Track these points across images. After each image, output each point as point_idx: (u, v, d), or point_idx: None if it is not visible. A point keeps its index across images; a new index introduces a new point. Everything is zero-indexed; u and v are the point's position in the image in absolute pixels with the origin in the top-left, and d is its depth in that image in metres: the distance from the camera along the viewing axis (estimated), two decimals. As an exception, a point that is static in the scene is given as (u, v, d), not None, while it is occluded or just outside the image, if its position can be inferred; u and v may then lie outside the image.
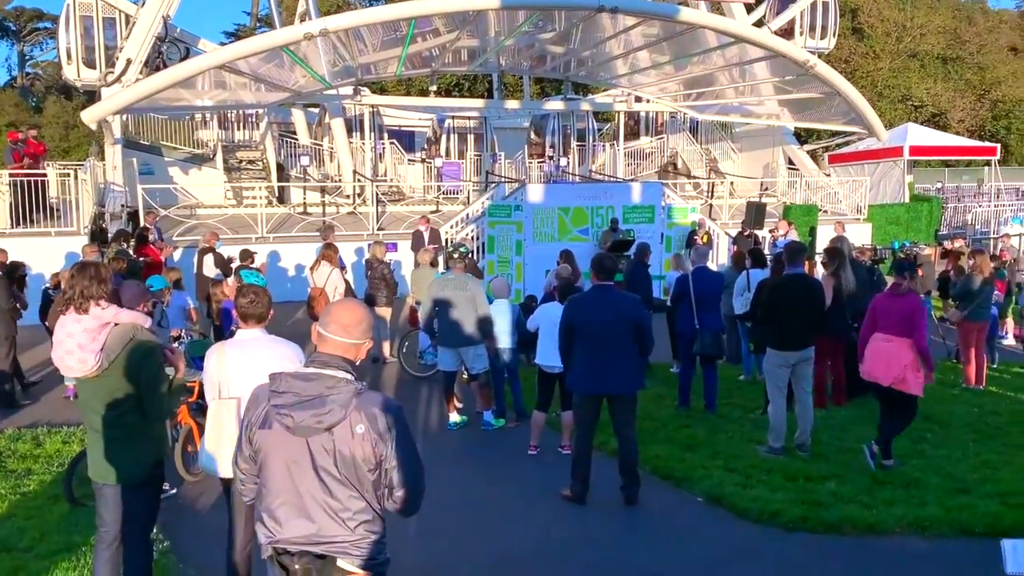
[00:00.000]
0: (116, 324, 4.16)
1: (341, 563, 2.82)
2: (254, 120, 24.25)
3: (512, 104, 26.87)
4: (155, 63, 17.92)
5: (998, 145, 26.75)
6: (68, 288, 4.21)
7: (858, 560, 5.33)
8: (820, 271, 10.24)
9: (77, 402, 4.33)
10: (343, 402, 2.80)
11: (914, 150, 23.37)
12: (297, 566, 2.81)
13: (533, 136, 27.46)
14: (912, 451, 7.56)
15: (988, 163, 27.58)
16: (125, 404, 4.16)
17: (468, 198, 22.24)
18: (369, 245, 14.94)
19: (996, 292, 12.18)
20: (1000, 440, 7.95)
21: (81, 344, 4.07)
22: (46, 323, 9.21)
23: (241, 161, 23.09)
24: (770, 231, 17.26)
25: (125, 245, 12.21)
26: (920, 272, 12.42)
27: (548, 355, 7.64)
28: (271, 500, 2.86)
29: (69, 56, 18.31)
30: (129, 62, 17.92)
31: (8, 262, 10.10)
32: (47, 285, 10.67)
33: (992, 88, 46.46)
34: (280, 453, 2.83)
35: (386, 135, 24.83)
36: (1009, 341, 13.57)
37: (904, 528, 5.82)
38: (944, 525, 5.83)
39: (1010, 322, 13.66)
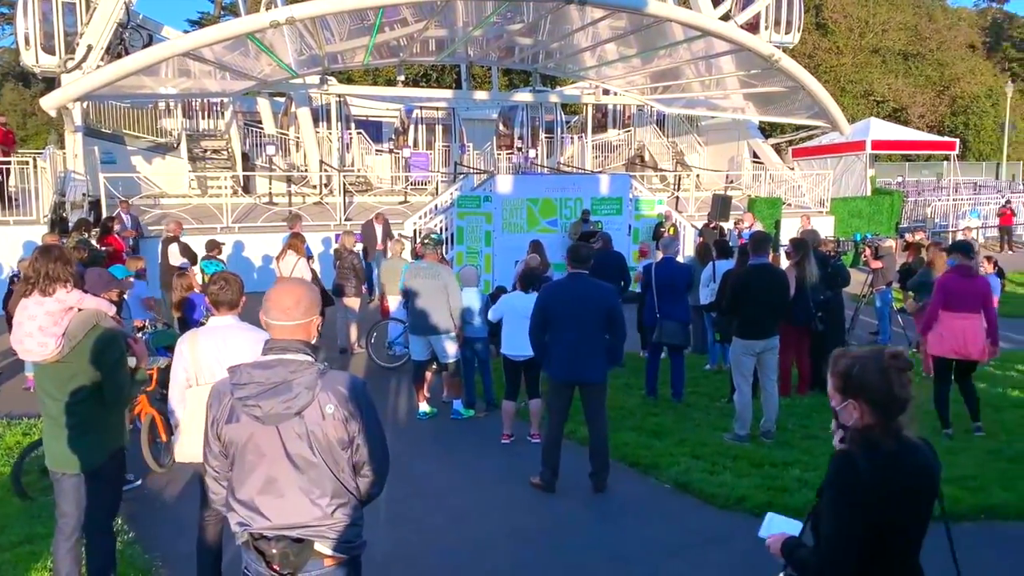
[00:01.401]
0: (79, 310, 4.11)
1: (318, 546, 2.81)
2: (219, 109, 23.94)
3: (480, 95, 26.82)
4: (117, 50, 17.62)
5: (957, 140, 27.29)
6: (31, 271, 4.13)
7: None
8: (784, 262, 10.38)
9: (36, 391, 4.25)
10: (309, 384, 2.77)
11: (876, 144, 23.76)
12: (274, 551, 2.78)
13: (502, 127, 27.45)
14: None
15: (947, 158, 28.18)
16: (85, 391, 4.11)
17: (436, 189, 22.18)
18: (337, 236, 14.86)
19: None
20: (960, 426, 8.12)
21: (42, 327, 4.01)
22: (6, 310, 9.02)
23: (206, 150, 22.79)
24: (735, 223, 17.45)
25: (86, 234, 12.01)
26: (882, 264, 12.67)
27: (512, 344, 7.68)
28: (246, 492, 2.83)
29: (27, 42, 17.92)
30: (90, 48, 17.57)
31: None
32: (14, 272, 10.46)
33: (951, 84, 47.41)
34: (251, 444, 2.80)
35: (353, 125, 24.65)
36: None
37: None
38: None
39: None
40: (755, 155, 25.12)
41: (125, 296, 8.22)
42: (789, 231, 18.51)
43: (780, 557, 2.79)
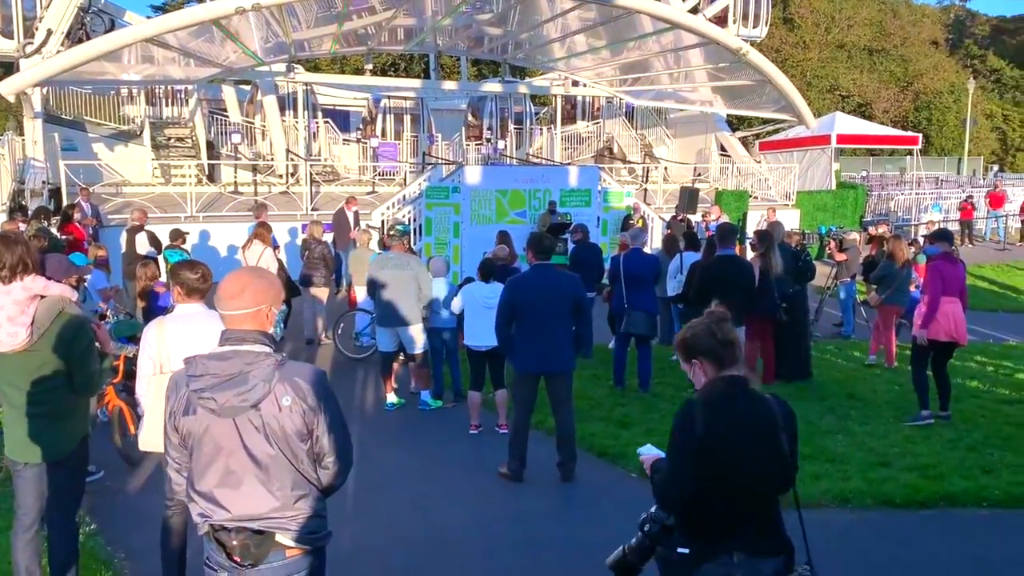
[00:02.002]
0: (43, 297, 4.02)
1: (280, 538, 2.78)
2: (183, 96, 23.56)
3: (449, 85, 26.71)
4: (77, 35, 17.25)
5: (920, 135, 27.69)
6: None
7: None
8: (750, 253, 10.48)
9: None
10: (265, 376, 2.73)
11: (841, 138, 24.03)
12: (235, 542, 2.75)
13: (470, 118, 27.35)
14: (838, 427, 7.83)
15: (910, 152, 28.56)
16: (54, 380, 4.02)
17: (405, 179, 22.06)
18: (304, 226, 14.75)
19: (916, 276, 12.65)
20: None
21: (11, 317, 3.92)
22: None
23: (169, 138, 22.42)
24: (702, 216, 17.58)
25: (46, 222, 11.78)
26: (846, 256, 12.84)
27: (475, 335, 7.69)
28: (204, 481, 2.79)
29: (-16, 25, 17.47)
30: (50, 33, 17.16)
31: None
32: None
33: (915, 80, 48.13)
34: (208, 437, 2.76)
35: (320, 114, 24.41)
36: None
37: (830, 501, 6.04)
38: (867, 497, 6.06)
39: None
40: (723, 148, 25.31)
41: (85, 282, 8.09)
42: (756, 224, 18.69)
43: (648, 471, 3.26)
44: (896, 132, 29.36)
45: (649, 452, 3.33)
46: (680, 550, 2.96)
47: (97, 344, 4.26)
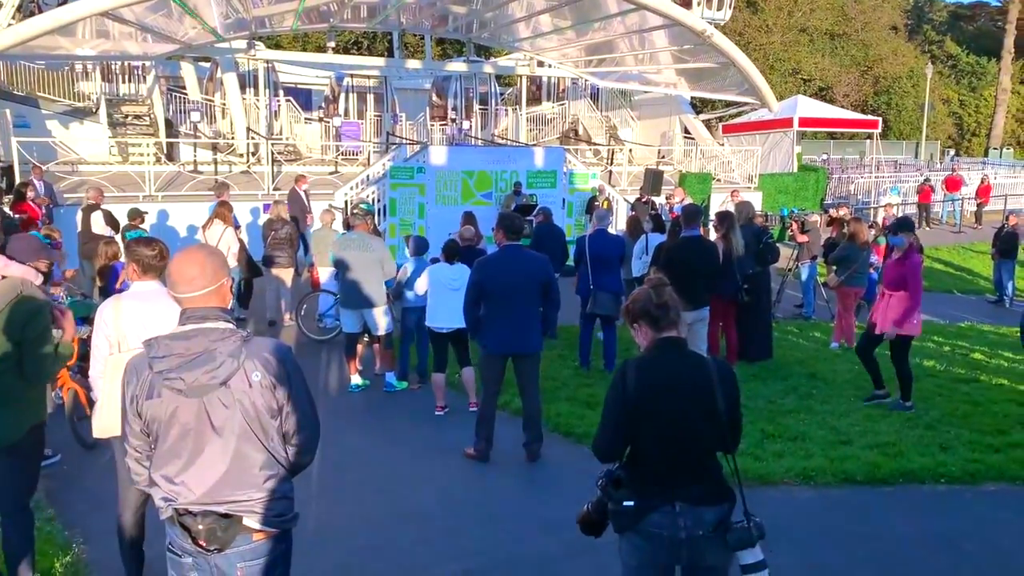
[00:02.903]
0: (3, 277, 3.88)
1: (247, 521, 2.72)
2: (140, 73, 22.98)
3: (413, 64, 26.39)
4: (29, 7, 16.75)
5: (879, 120, 28.08)
6: None
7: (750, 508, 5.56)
8: (712, 235, 10.54)
9: None
10: (233, 352, 2.67)
11: (803, 122, 24.28)
12: (200, 526, 2.68)
13: (435, 98, 27.08)
14: (800, 407, 7.93)
15: (870, 136, 28.99)
16: (5, 363, 3.89)
17: (368, 159, 21.81)
18: (266, 206, 14.53)
19: (875, 258, 12.84)
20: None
21: None
22: None
23: (127, 116, 21.85)
24: (666, 198, 17.65)
25: (-2, 201, 11.46)
26: (808, 238, 12.98)
27: (438, 316, 7.64)
28: (171, 468, 2.71)
29: (-70, -4, 16.86)
30: (0, 6, 16.64)
31: None
32: None
33: (875, 65, 48.73)
34: (175, 419, 2.68)
35: (282, 92, 23.99)
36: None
37: (792, 478, 6.12)
38: (828, 475, 6.15)
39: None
40: (687, 131, 25.41)
41: (53, 267, 7.88)
42: (719, 205, 18.83)
43: None
44: (856, 116, 29.75)
45: None
46: (626, 503, 3.11)
47: (58, 331, 4.13)
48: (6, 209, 11.27)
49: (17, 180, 14.70)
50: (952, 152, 48.63)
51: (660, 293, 3.21)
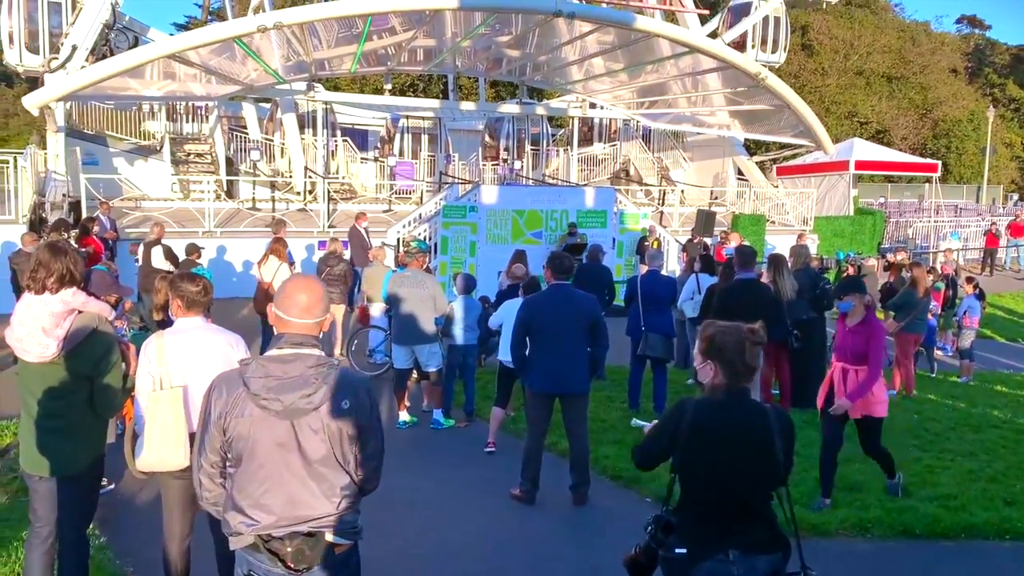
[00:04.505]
0: (80, 312, 3.99)
1: (329, 537, 2.82)
2: (203, 113, 23.79)
3: (467, 106, 26.82)
4: (102, 51, 17.46)
5: (939, 163, 27.55)
6: (40, 267, 3.97)
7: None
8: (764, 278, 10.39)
9: (18, 386, 4.10)
10: (326, 379, 2.80)
11: (859, 164, 23.95)
12: (290, 549, 2.76)
13: (487, 139, 27.46)
14: (856, 455, 7.67)
15: (929, 180, 28.46)
16: (75, 396, 3.98)
17: (421, 198, 22.12)
18: (321, 243, 14.79)
19: (934, 304, 12.52)
20: (939, 446, 8.15)
21: (45, 328, 3.87)
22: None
23: (189, 154, 22.62)
24: (720, 241, 17.49)
25: (65, 235, 11.84)
26: (864, 282, 12.71)
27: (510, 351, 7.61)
28: (254, 488, 2.78)
29: (11, 40, 17.70)
30: (75, 48, 17.39)
31: None
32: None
33: (934, 108, 47.96)
34: (263, 439, 2.76)
35: (339, 132, 24.56)
36: (948, 351, 13.95)
37: (848, 529, 5.93)
38: (886, 527, 5.94)
39: (950, 334, 14.04)
40: (740, 172, 25.26)
41: (124, 302, 8.11)
42: (783, 247, 18.57)
43: None
44: (915, 159, 29.27)
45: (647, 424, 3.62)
46: (678, 550, 3.04)
47: (123, 364, 4.23)
48: (72, 243, 11.62)
49: (84, 215, 15.22)
50: (1015, 197, 47.39)
51: (753, 353, 3.10)
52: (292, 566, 2.77)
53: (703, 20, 23.87)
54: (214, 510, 2.95)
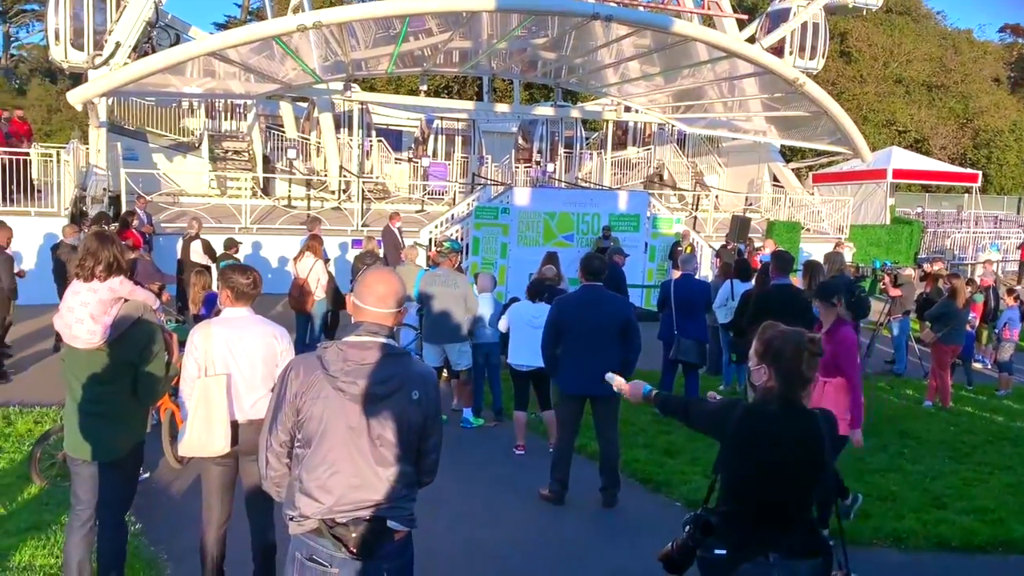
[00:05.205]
0: (126, 300, 4.09)
1: (390, 523, 2.87)
2: (242, 111, 24.08)
3: (501, 108, 26.87)
4: (144, 48, 17.75)
5: (979, 173, 27.08)
6: (89, 256, 4.08)
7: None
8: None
9: (62, 372, 4.20)
10: (400, 368, 2.87)
11: (897, 173, 23.61)
12: (354, 534, 2.81)
13: (521, 141, 27.47)
14: (890, 466, 7.60)
15: (968, 190, 27.98)
16: (119, 382, 4.07)
17: (454, 199, 22.20)
18: (355, 241, 14.89)
19: (972, 315, 12.31)
20: (975, 459, 8.02)
21: (93, 315, 3.98)
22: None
23: (227, 151, 22.90)
24: (756, 248, 17.32)
25: (105, 228, 12.06)
26: (901, 292, 12.55)
27: (519, 354, 7.62)
28: (323, 470, 2.83)
29: (57, 37, 18.06)
30: (118, 45, 17.71)
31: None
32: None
33: (975, 117, 47.17)
34: (336, 422, 2.82)
35: (374, 133, 24.73)
36: (987, 363, 13.71)
37: (881, 540, 5.85)
38: (921, 538, 5.86)
39: (989, 347, 13.80)
40: (775, 178, 25.03)
41: (165, 290, 8.25)
42: (817, 254, 18.39)
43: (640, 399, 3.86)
44: (954, 169, 28.76)
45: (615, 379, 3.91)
46: (717, 551, 3.02)
47: (166, 353, 4.31)
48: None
49: (123, 209, 15.49)
50: (1058, 209, 46.40)
51: (811, 365, 3.03)
52: (355, 551, 2.81)
53: (741, 25, 23.70)
54: (275, 491, 2.99)
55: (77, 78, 21.03)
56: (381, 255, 12.09)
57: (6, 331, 10.17)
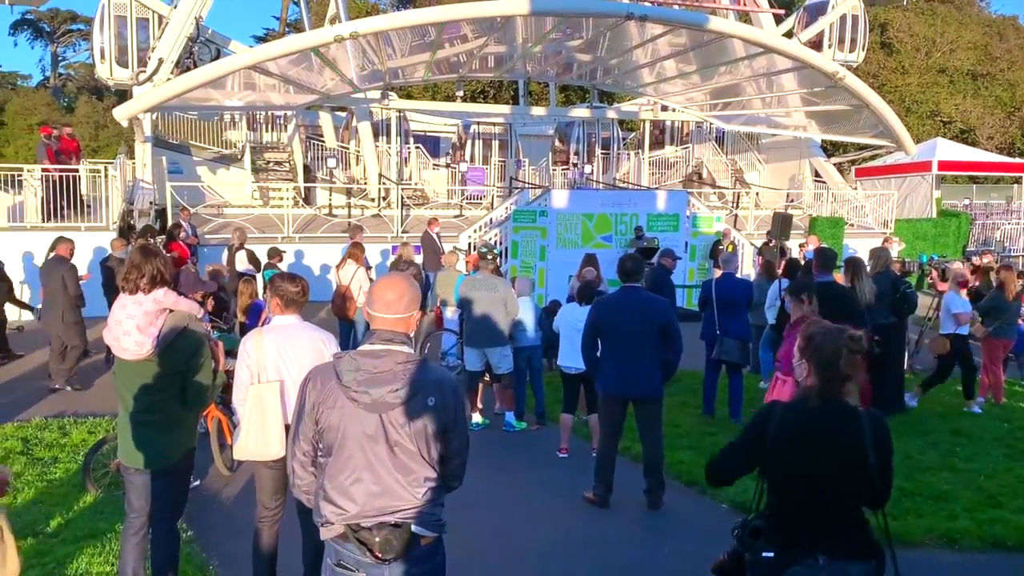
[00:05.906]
0: (171, 311, 4.20)
1: (415, 528, 2.89)
2: (282, 122, 24.44)
3: (538, 111, 26.91)
4: (186, 63, 18.10)
5: (1028, 162, 26.40)
6: (133, 269, 4.20)
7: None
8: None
9: (114, 382, 4.32)
10: (414, 375, 2.87)
11: (942, 165, 23.14)
12: (378, 539, 2.84)
13: (558, 143, 27.47)
14: (941, 464, 7.45)
15: (1017, 180, 27.29)
16: (168, 391, 4.18)
17: (492, 203, 22.28)
18: (394, 248, 15.01)
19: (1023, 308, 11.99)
20: (1019, 447, 7.82)
21: (140, 326, 4.10)
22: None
23: (268, 162, 23.27)
24: (800, 245, 17.09)
25: (152, 240, 12.34)
26: (948, 287, 12.26)
27: (569, 357, 7.63)
28: (343, 478, 2.88)
29: (102, 55, 18.50)
30: (161, 61, 18.07)
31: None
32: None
33: (1023, 106, 45.99)
34: (353, 431, 2.86)
35: (412, 140, 24.93)
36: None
37: (933, 540, 5.73)
38: (975, 538, 5.73)
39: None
40: (817, 174, 24.69)
41: (210, 299, 8.41)
42: (862, 250, 18.09)
43: None
44: (1002, 159, 28.08)
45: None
46: (765, 554, 3.00)
47: (212, 361, 4.41)
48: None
49: (169, 222, 15.82)
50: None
51: (850, 364, 3.00)
52: (380, 555, 2.84)
53: (778, 20, 23.43)
54: (305, 498, 3.05)
55: (123, 95, 21.53)
56: (417, 260, 12.17)
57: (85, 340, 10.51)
